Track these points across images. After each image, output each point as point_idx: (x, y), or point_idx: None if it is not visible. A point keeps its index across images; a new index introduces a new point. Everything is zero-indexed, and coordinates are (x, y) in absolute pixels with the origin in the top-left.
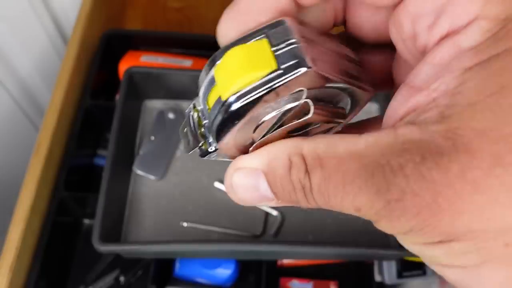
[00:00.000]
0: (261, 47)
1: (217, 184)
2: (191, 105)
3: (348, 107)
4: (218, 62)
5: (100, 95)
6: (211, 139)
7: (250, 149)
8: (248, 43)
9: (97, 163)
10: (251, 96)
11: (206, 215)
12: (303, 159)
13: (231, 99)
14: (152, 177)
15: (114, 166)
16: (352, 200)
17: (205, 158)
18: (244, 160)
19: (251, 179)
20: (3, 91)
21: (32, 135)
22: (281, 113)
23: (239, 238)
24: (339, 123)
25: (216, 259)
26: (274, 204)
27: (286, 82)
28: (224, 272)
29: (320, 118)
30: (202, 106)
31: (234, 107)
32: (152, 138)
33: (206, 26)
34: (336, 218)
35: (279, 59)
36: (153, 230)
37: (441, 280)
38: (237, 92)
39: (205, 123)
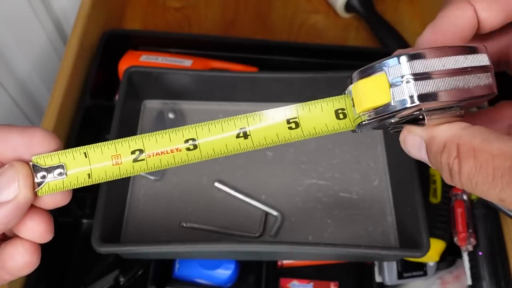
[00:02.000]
0: (381, 80)
1: (217, 184)
2: None
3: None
4: (353, 84)
5: (100, 95)
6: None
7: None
8: (373, 76)
9: None
10: (371, 118)
11: (206, 216)
12: (457, 147)
13: (361, 116)
14: (151, 177)
15: None
16: (498, 192)
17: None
18: (417, 128)
19: (416, 142)
20: (2, 91)
21: None
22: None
23: (239, 238)
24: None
25: (215, 260)
26: (429, 164)
27: (396, 112)
28: (224, 272)
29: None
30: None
31: (361, 121)
32: None
33: (205, 26)
34: (336, 219)
35: (394, 93)
36: (152, 231)
37: (442, 280)
38: (364, 112)
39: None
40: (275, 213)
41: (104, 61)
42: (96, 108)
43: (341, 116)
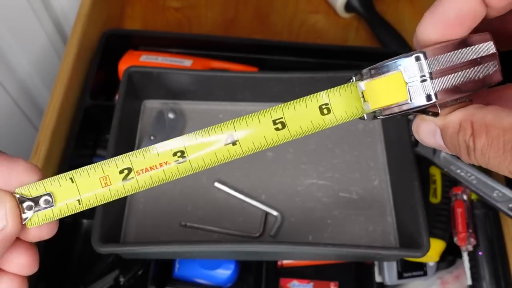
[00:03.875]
0: (398, 78)
1: (217, 184)
2: None
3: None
4: (366, 81)
5: (100, 95)
6: None
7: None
8: (388, 74)
9: None
10: (388, 114)
11: (205, 216)
12: (471, 124)
13: (378, 112)
14: None
15: None
16: (507, 165)
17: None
18: (429, 116)
19: (431, 128)
20: (2, 91)
21: (31, 135)
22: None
23: (239, 238)
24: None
25: (215, 260)
26: (444, 150)
27: (414, 109)
28: (224, 272)
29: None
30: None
31: (380, 116)
32: (152, 138)
33: (205, 26)
34: (336, 219)
35: (410, 91)
36: (152, 231)
37: (442, 280)
38: (382, 108)
39: None
40: (275, 213)
41: (104, 61)
42: (96, 108)
43: (325, 111)
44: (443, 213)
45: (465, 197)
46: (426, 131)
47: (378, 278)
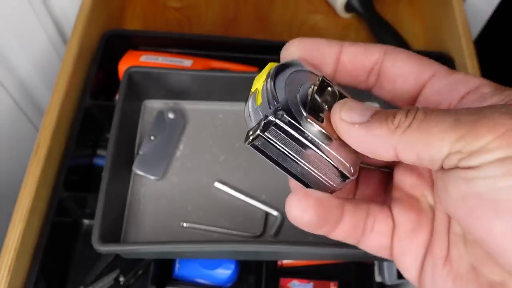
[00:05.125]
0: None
1: (217, 184)
2: None
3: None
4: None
5: (100, 95)
6: None
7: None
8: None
9: (97, 163)
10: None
11: (206, 215)
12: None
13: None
14: (151, 177)
15: (113, 166)
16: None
17: None
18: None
19: (360, 109)
20: (2, 91)
21: (31, 135)
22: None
23: (239, 238)
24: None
25: (216, 260)
26: (359, 129)
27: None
28: (224, 272)
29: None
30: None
31: None
32: (152, 138)
33: (206, 26)
34: None
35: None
36: (152, 231)
37: None
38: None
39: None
40: (275, 213)
41: (104, 61)
42: (96, 108)
43: None
44: None
45: None
46: (352, 110)
47: (378, 278)
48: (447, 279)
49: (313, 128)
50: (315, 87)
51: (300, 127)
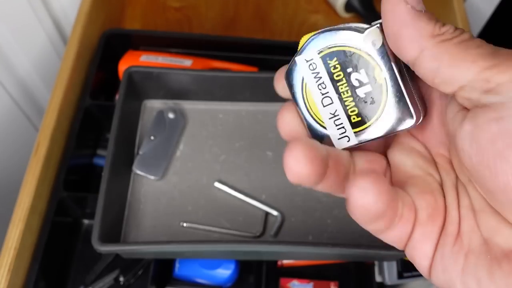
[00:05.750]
0: None
1: (217, 184)
2: None
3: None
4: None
5: (100, 95)
6: None
7: None
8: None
9: (97, 163)
10: None
11: (206, 215)
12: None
13: None
14: (151, 177)
15: (113, 166)
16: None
17: None
18: None
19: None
20: (2, 91)
21: (31, 135)
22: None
23: (239, 238)
24: None
25: (216, 260)
26: (409, 10)
27: None
28: (224, 272)
29: None
30: None
31: None
32: (152, 138)
33: (206, 26)
34: (336, 219)
35: None
36: (152, 230)
37: None
38: None
39: None
40: (275, 213)
41: (104, 61)
42: (96, 108)
43: None
44: None
45: None
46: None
47: (378, 278)
48: (458, 256)
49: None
50: None
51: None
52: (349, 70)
